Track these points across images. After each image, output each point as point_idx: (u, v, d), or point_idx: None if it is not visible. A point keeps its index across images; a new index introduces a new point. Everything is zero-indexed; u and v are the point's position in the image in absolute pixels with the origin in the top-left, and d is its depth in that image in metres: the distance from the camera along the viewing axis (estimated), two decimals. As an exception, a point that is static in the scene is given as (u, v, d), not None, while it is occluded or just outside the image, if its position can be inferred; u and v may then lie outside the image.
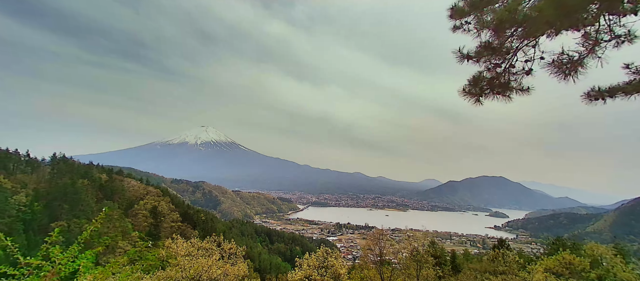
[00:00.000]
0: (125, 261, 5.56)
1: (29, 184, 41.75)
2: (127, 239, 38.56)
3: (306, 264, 15.47)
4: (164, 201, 55.70)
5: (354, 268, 21.91)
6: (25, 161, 52.17)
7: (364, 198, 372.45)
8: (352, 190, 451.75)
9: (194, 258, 13.31)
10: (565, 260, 16.56)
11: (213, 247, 14.33)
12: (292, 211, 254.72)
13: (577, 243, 23.05)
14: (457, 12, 5.10)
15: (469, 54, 5.16)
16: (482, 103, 5.51)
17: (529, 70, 4.76)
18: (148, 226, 48.88)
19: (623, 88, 4.25)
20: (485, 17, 4.67)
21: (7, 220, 33.41)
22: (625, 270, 15.86)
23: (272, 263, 65.23)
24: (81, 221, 38.26)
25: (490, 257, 18.15)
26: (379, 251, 17.48)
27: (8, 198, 34.70)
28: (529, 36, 4.43)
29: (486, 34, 4.82)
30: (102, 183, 52.88)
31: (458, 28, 5.24)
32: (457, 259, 27.75)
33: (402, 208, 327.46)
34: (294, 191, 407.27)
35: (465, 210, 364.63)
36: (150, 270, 12.54)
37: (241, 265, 14.51)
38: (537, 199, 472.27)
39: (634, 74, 4.19)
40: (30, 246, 31.74)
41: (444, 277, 19.91)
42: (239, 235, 76.96)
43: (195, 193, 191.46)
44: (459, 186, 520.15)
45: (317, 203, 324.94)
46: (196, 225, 56.02)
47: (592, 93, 4.45)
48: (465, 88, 5.54)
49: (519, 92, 5.15)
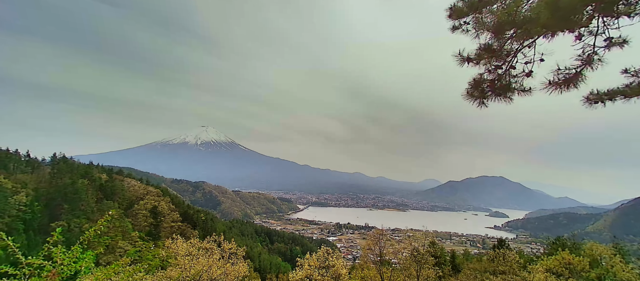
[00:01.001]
0: (127, 262, 5.57)
1: (29, 184, 41.73)
2: (127, 239, 38.59)
3: (307, 264, 15.50)
4: (164, 201, 55.70)
5: (354, 268, 21.94)
6: (26, 161, 52.16)
7: (364, 198, 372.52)
8: (352, 190, 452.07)
9: (194, 258, 13.34)
10: (565, 259, 16.59)
11: (213, 247, 14.35)
12: (292, 211, 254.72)
13: (576, 242, 23.07)
14: (455, 13, 5.11)
15: (469, 57, 5.18)
16: (487, 105, 5.53)
17: (530, 72, 4.78)
18: (148, 226, 48.90)
19: (623, 91, 4.28)
20: (484, 19, 4.69)
21: (8, 220, 33.45)
22: (624, 270, 15.89)
23: (272, 263, 65.27)
24: (81, 221, 38.28)
25: (490, 257, 18.17)
26: (379, 251, 17.51)
27: (8, 198, 34.72)
28: (526, 38, 4.46)
29: (485, 35, 4.84)
30: (102, 183, 52.87)
31: (457, 28, 5.26)
32: (457, 259, 27.80)
33: (402, 208, 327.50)
34: (294, 191, 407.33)
35: (465, 210, 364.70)
36: (151, 270, 12.56)
37: (241, 265, 14.53)
38: (537, 199, 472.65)
39: (633, 77, 4.22)
40: (30, 246, 31.78)
41: (444, 277, 19.95)
42: (239, 234, 76.98)
43: (195, 193, 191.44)
44: (459, 186, 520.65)
45: (317, 203, 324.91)
46: (196, 225, 56.04)
47: (592, 96, 4.48)
48: (468, 91, 5.56)
49: (520, 94, 5.18)
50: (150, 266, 11.65)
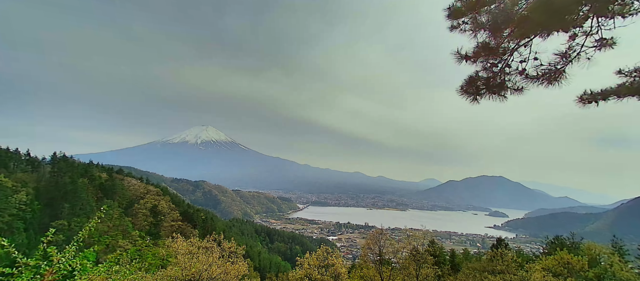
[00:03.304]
0: (125, 260, 5.60)
1: (29, 183, 41.80)
2: (127, 238, 38.66)
3: (307, 263, 15.54)
4: (164, 200, 55.78)
5: (354, 267, 21.99)
6: (26, 160, 52.21)
7: (363, 198, 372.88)
8: (352, 190, 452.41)
9: (194, 256, 13.36)
10: (564, 259, 16.63)
11: (213, 246, 14.36)
12: (292, 210, 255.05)
13: (575, 242, 23.10)
14: (454, 12, 5.16)
15: (467, 55, 5.24)
16: (479, 102, 5.62)
17: (523, 70, 4.82)
18: (148, 225, 48.96)
19: (616, 91, 4.31)
20: (481, 18, 4.73)
21: (8, 219, 33.50)
22: (623, 269, 15.93)
23: (272, 262, 65.41)
24: (81, 220, 38.33)
25: (489, 256, 18.18)
26: (379, 251, 17.55)
27: (9, 197, 34.78)
28: (522, 37, 4.49)
29: (482, 34, 4.88)
30: (102, 182, 52.94)
31: (455, 28, 5.31)
32: (456, 258, 27.85)
33: (401, 207, 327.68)
34: (294, 191, 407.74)
35: (464, 210, 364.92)
36: (151, 269, 12.60)
37: (241, 264, 14.55)
38: (537, 199, 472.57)
39: (626, 77, 4.24)
40: (30, 245, 31.84)
41: (443, 276, 19.99)
42: (239, 234, 77.14)
43: (195, 192, 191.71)
44: (459, 185, 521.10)
45: (317, 203, 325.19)
46: (196, 224, 56.09)
47: (585, 96, 4.51)
48: (462, 87, 5.63)
49: (513, 92, 5.24)
50: (151, 265, 11.70)
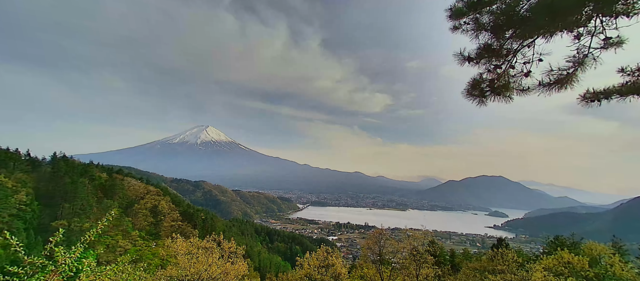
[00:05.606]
0: (127, 259, 5.61)
1: (29, 183, 41.72)
2: (127, 238, 38.64)
3: (307, 263, 15.54)
4: (164, 201, 55.77)
5: (354, 267, 21.98)
6: (26, 160, 52.09)
7: (363, 198, 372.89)
8: (352, 190, 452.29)
9: (194, 257, 13.36)
10: (564, 259, 16.64)
11: (213, 246, 14.37)
12: (292, 210, 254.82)
13: (576, 242, 23.13)
14: (455, 13, 5.15)
15: (470, 56, 5.22)
16: (486, 104, 5.57)
17: (528, 72, 4.81)
18: (148, 225, 48.93)
19: (618, 90, 4.30)
20: (483, 19, 4.72)
21: (8, 219, 33.46)
22: (624, 269, 15.94)
23: (272, 262, 65.41)
24: (82, 220, 38.29)
25: (489, 256, 18.19)
26: (379, 251, 17.55)
27: (8, 197, 34.74)
28: (525, 38, 4.49)
29: (484, 35, 4.87)
30: (102, 182, 52.90)
31: (457, 29, 5.30)
32: (456, 258, 27.88)
33: (401, 207, 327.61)
34: (293, 191, 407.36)
35: (464, 210, 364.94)
36: (151, 269, 12.60)
37: (241, 264, 14.55)
38: (537, 199, 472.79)
39: (629, 76, 4.24)
40: (30, 245, 31.80)
41: (443, 276, 19.97)
42: (239, 234, 77.12)
43: (195, 192, 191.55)
44: (459, 185, 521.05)
45: (317, 203, 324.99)
46: (196, 224, 56.11)
47: (588, 95, 4.51)
48: (467, 90, 5.60)
49: (518, 93, 5.22)
50: (151, 265, 11.70)
